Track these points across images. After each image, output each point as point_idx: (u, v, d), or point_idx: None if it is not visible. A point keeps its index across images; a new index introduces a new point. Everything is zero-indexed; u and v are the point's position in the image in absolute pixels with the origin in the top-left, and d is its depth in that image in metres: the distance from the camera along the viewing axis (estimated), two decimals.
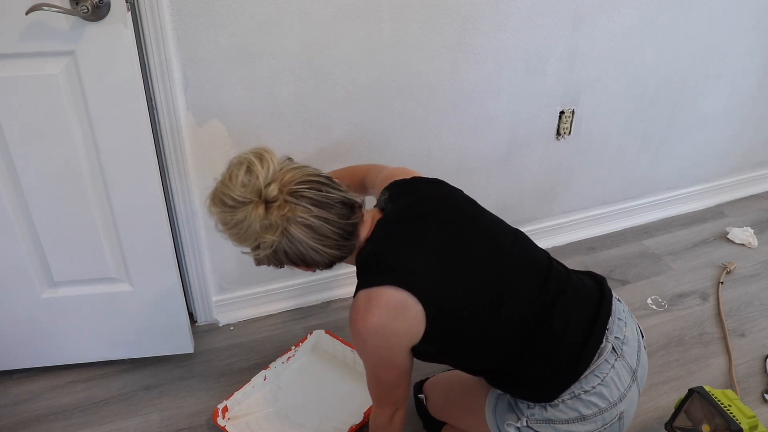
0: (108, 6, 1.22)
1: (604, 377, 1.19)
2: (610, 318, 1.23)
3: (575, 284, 1.26)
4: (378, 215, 1.23)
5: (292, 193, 1.08)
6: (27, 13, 1.16)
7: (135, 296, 1.62)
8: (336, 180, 1.17)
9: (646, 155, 2.23)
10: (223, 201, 1.09)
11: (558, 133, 2.01)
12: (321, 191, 1.11)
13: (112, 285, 1.60)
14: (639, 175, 2.28)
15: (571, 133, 2.03)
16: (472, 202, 1.30)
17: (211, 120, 1.55)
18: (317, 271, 1.21)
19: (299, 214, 1.07)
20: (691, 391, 1.46)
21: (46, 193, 1.42)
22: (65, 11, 1.18)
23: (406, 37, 1.63)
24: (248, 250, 1.14)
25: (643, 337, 1.31)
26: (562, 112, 1.97)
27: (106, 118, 1.35)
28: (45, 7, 1.16)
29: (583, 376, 1.18)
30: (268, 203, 1.07)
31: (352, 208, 1.15)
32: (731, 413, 1.39)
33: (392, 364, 1.17)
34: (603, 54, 1.90)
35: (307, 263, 1.15)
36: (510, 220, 2.12)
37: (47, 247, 1.50)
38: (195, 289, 1.80)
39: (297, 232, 1.08)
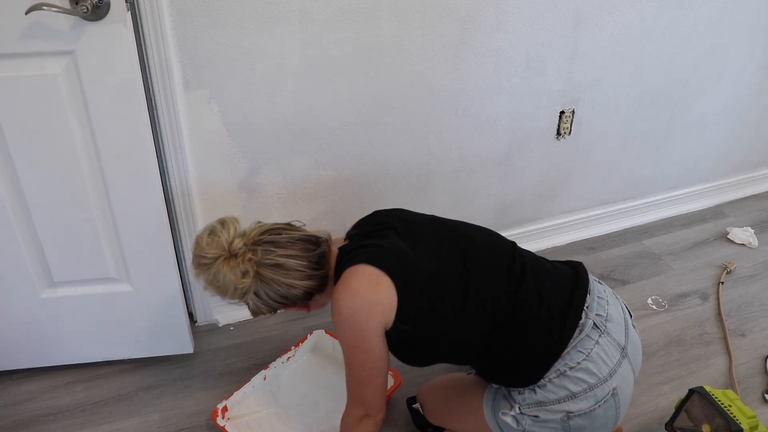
0: (108, 6, 1.22)
1: (589, 352, 1.21)
2: (588, 296, 1.27)
3: (544, 267, 1.32)
4: (344, 241, 1.35)
5: (255, 243, 1.22)
6: (27, 13, 1.16)
7: (135, 296, 1.62)
8: (296, 223, 1.31)
9: (646, 155, 2.23)
10: (198, 262, 1.22)
11: (558, 133, 2.01)
12: (280, 234, 1.24)
13: (112, 285, 1.60)
14: (639, 175, 2.28)
15: (571, 133, 2.03)
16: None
17: (211, 120, 1.55)
18: (309, 308, 1.33)
19: (265, 257, 1.20)
20: (691, 391, 1.46)
21: (46, 193, 1.42)
22: (65, 11, 1.18)
23: (406, 37, 1.63)
24: (238, 301, 1.25)
25: (631, 317, 1.34)
26: (562, 112, 1.97)
27: (106, 118, 1.35)
28: (45, 7, 1.16)
29: (565, 352, 1.21)
30: (236, 256, 1.20)
31: (317, 243, 1.27)
32: (731, 413, 1.39)
33: (366, 346, 1.20)
34: (603, 54, 1.90)
35: (289, 300, 1.25)
36: (510, 220, 2.16)
37: (47, 247, 1.50)
38: (195, 289, 1.80)
39: (268, 272, 1.20)
